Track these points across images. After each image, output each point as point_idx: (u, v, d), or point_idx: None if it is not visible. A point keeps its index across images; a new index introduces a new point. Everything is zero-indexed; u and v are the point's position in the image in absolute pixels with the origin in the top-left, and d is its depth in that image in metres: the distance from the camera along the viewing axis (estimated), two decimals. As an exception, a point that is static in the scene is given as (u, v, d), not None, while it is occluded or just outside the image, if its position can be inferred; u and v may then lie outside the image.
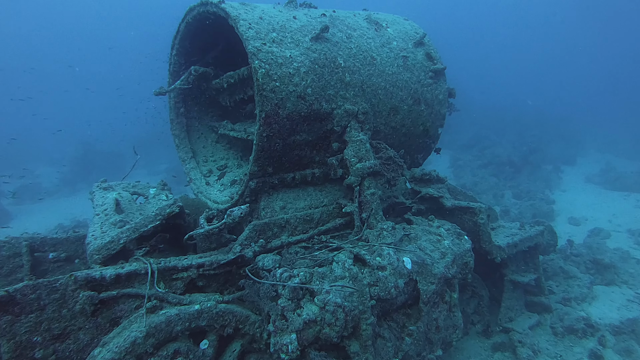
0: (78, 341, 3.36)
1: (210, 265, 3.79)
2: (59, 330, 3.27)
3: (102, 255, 3.57)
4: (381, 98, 4.80)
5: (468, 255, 4.71)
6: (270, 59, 3.96)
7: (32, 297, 3.16)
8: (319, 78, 4.26)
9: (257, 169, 4.21)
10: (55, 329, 3.26)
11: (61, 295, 3.31)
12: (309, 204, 4.65)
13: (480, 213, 5.27)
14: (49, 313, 3.24)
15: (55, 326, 3.26)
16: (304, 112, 4.18)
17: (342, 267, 3.88)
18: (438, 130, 5.58)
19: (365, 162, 4.40)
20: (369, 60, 4.74)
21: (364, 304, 3.73)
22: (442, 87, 5.42)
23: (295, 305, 3.65)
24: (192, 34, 5.10)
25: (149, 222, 3.73)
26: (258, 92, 3.86)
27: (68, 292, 3.33)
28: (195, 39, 5.21)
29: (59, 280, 3.31)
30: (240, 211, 3.71)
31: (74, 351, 3.33)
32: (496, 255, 5.40)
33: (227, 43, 5.34)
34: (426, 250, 4.42)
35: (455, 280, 4.57)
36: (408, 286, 4.14)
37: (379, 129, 4.93)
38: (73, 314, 3.34)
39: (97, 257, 3.55)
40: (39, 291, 3.20)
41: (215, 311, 3.68)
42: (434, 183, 5.54)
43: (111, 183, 4.87)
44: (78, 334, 3.36)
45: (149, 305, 3.50)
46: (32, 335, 3.15)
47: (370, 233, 4.40)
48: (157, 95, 5.05)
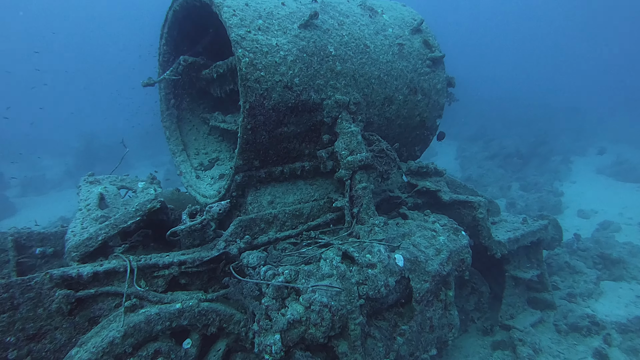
0: (55, 341, 3.26)
1: (192, 263, 3.65)
2: (34, 330, 3.17)
3: (79, 253, 3.45)
4: (375, 88, 4.61)
5: (465, 252, 4.53)
6: (255, 48, 3.78)
7: (4, 297, 3.06)
8: (308, 67, 4.07)
9: (243, 163, 4.05)
10: (30, 328, 3.15)
11: (36, 294, 3.20)
12: (299, 198, 4.49)
13: (479, 207, 5.07)
14: (23, 312, 3.13)
15: (30, 326, 3.16)
16: (292, 103, 4.01)
17: (330, 264, 3.73)
18: (436, 121, 5.37)
19: (356, 155, 4.22)
20: (361, 48, 4.53)
21: (352, 303, 3.58)
22: (441, 75, 5.19)
23: (279, 304, 3.51)
24: (180, 22, 4.93)
25: (129, 218, 3.60)
26: (241, 82, 3.69)
27: (44, 291, 3.22)
28: (183, 28, 5.05)
29: (34, 278, 3.21)
30: (219, 207, 3.56)
31: (51, 351, 3.23)
32: (496, 250, 5.21)
33: (216, 32, 5.16)
34: (420, 247, 4.25)
35: (451, 278, 4.40)
36: (400, 284, 3.97)
37: (373, 120, 4.73)
38: (49, 313, 3.23)
39: (75, 255, 3.44)
40: (12, 290, 3.10)
41: (197, 310, 3.56)
42: (431, 176, 5.35)
43: (98, 177, 4.76)
44: (55, 334, 3.26)
45: (128, 304, 3.38)
46: (4, 336, 3.05)
47: (361, 229, 4.24)
48: (145, 86, 4.91)
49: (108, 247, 3.75)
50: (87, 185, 4.52)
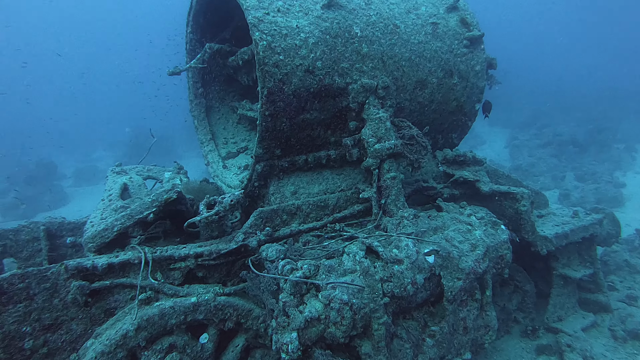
0: (71, 332, 3.25)
1: (209, 255, 3.54)
2: (50, 320, 3.17)
3: (95, 244, 3.42)
4: (405, 71, 4.28)
5: (504, 248, 4.15)
6: (274, 30, 3.58)
7: (21, 287, 3.06)
8: (331, 50, 3.82)
9: (263, 151, 3.88)
10: (46, 319, 3.15)
11: (52, 284, 3.19)
12: (324, 188, 4.27)
13: (522, 199, 4.64)
14: (39, 303, 3.13)
15: (46, 316, 3.16)
16: (314, 88, 3.78)
17: (353, 259, 3.51)
18: (475, 106, 4.96)
19: (384, 143, 3.94)
20: (391, 28, 4.22)
21: (375, 302, 3.34)
22: (480, 56, 4.77)
23: (298, 301, 3.33)
24: (205, 9, 4.82)
25: (145, 208, 3.53)
26: (259, 66, 3.50)
27: (60, 282, 3.21)
28: (209, 15, 4.93)
29: (50, 269, 3.20)
30: (230, 198, 3.40)
31: (67, 342, 3.22)
32: (541, 246, 4.77)
33: (242, 17, 5.00)
34: (453, 242, 3.92)
35: (488, 276, 4.05)
36: (430, 282, 3.69)
37: (404, 105, 4.41)
38: (65, 304, 3.22)
39: (91, 246, 3.41)
40: (28, 280, 3.10)
41: (213, 304, 3.45)
42: (469, 165, 4.95)
43: (126, 167, 4.76)
44: (70, 325, 3.25)
45: (142, 297, 3.33)
46: (21, 326, 3.06)
47: (389, 221, 3.96)
48: (171, 75, 4.84)
49: (128, 238, 3.71)
50: (114, 175, 4.52)
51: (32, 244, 4.51)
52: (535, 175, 12.25)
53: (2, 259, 4.42)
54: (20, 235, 4.47)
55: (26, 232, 4.50)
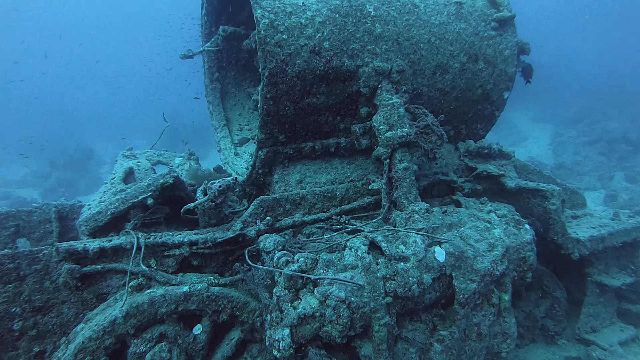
0: (61, 315, 3.20)
1: (204, 243, 3.40)
2: (41, 302, 3.13)
3: (89, 227, 3.35)
4: (423, 54, 3.96)
5: (527, 249, 3.79)
6: (277, 8, 3.37)
7: (11, 267, 3.04)
8: (340, 29, 3.57)
9: (265, 137, 3.69)
10: (36, 301, 3.11)
11: (44, 266, 3.15)
12: (333, 178, 4.04)
13: (552, 197, 4.23)
14: (29, 284, 3.10)
15: (37, 298, 3.12)
16: (320, 70, 3.54)
17: (355, 254, 3.27)
18: (503, 94, 4.55)
19: (396, 131, 3.65)
20: (408, 8, 3.91)
21: (376, 301, 3.10)
22: (510, 40, 4.36)
23: (292, 295, 3.13)
24: (219, -10, 4.66)
25: (140, 192, 3.43)
26: (260, 46, 3.31)
27: (52, 264, 3.17)
28: (223, -4, 4.78)
29: (42, 250, 3.16)
30: (219, 184, 3.23)
31: (57, 325, 3.18)
32: (572, 249, 4.34)
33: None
34: (469, 240, 3.60)
35: (507, 279, 3.70)
36: (440, 282, 3.40)
37: (421, 91, 4.09)
38: (56, 287, 3.18)
39: (84, 229, 3.35)
40: (19, 261, 3.06)
41: (206, 294, 3.31)
42: (495, 158, 4.57)
43: (136, 152, 4.70)
44: (62, 308, 3.20)
45: (134, 283, 3.23)
46: (10, 306, 3.03)
47: (398, 215, 3.69)
48: (183, 58, 4.73)
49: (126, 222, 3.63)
50: (123, 159, 4.47)
51: (44, 225, 4.55)
52: (579, 174, 11.47)
53: (16, 239, 4.48)
54: (32, 217, 4.52)
55: (39, 214, 4.54)
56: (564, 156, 13.24)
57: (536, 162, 11.96)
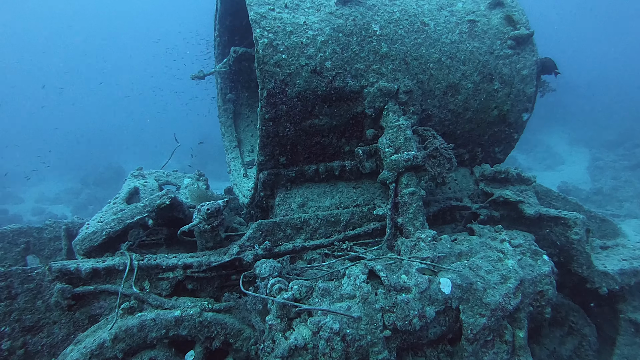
0: (52, 335, 3.15)
1: (199, 267, 3.30)
2: (31, 322, 3.10)
3: (84, 247, 3.32)
4: (433, 73, 3.80)
5: (545, 282, 3.50)
6: (277, 27, 3.31)
7: (2, 285, 3.02)
8: (343, 49, 3.47)
9: (265, 159, 3.60)
10: (27, 320, 3.08)
11: (36, 285, 3.13)
12: (337, 202, 3.89)
13: (574, 225, 3.92)
14: (20, 303, 3.08)
15: (28, 317, 3.09)
16: (322, 91, 3.44)
17: (353, 283, 3.09)
18: (522, 116, 4.31)
19: (402, 154, 3.48)
20: (417, 26, 3.77)
21: (373, 334, 2.91)
22: (528, 59, 4.14)
23: (285, 325, 2.98)
24: (231, 10, 4.69)
25: (137, 213, 3.39)
26: (258, 66, 3.25)
27: (44, 283, 3.14)
28: (236, 16, 4.79)
29: (35, 269, 3.14)
30: (207, 207, 3.13)
31: (47, 345, 3.13)
32: (600, 283, 4.00)
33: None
34: (479, 271, 3.36)
35: (522, 314, 3.41)
36: (446, 316, 3.16)
37: (432, 112, 3.92)
38: (48, 307, 3.14)
39: (79, 248, 3.32)
40: (11, 279, 3.05)
41: (198, 320, 3.19)
42: (513, 184, 4.30)
43: (145, 171, 4.72)
44: (52, 328, 3.16)
45: (125, 306, 3.16)
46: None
47: (403, 243, 3.49)
48: (194, 79, 4.76)
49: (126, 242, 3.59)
50: (131, 178, 4.48)
51: (54, 242, 4.59)
52: (619, 201, 10.81)
53: (26, 256, 4.54)
54: (43, 234, 4.57)
55: (49, 231, 4.59)
56: (602, 181, 12.53)
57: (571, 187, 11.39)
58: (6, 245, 4.41)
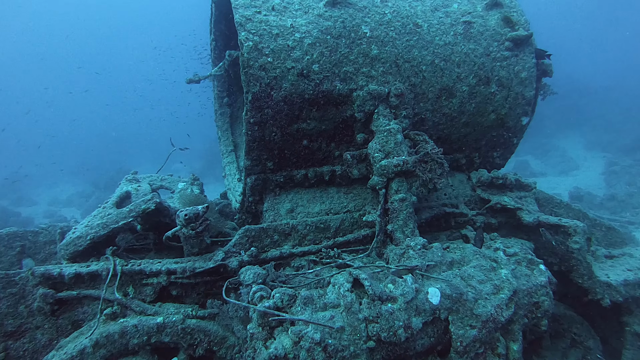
0: (35, 341, 3.14)
1: (182, 273, 3.25)
2: (13, 327, 3.08)
3: (69, 251, 3.30)
4: (426, 76, 3.70)
5: (541, 293, 3.36)
6: (263, 30, 3.25)
7: (-16, 290, 3.02)
8: (332, 52, 3.40)
9: (251, 163, 3.54)
10: (9, 325, 3.07)
11: (20, 290, 3.12)
12: (327, 208, 3.81)
13: (574, 234, 3.77)
14: (3, 308, 3.07)
15: (10, 322, 3.08)
16: (309, 94, 3.37)
17: (337, 292, 3.01)
18: (521, 120, 4.17)
19: (392, 159, 3.39)
20: (409, 28, 3.68)
21: (356, 345, 2.82)
22: (526, 61, 4.00)
23: (267, 333, 2.91)
24: (225, 15, 4.66)
25: (121, 218, 3.36)
26: (243, 69, 3.20)
27: (28, 288, 3.13)
28: (231, 21, 4.75)
29: (19, 273, 3.13)
30: (185, 212, 3.08)
31: (29, 351, 3.11)
32: (602, 295, 3.83)
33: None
34: (471, 281, 3.24)
35: (515, 326, 3.28)
36: (434, 327, 3.06)
37: (425, 116, 3.82)
38: (31, 312, 3.13)
39: (64, 253, 3.30)
40: (-7, 284, 3.04)
41: (181, 327, 3.14)
42: (512, 190, 4.17)
43: (140, 175, 4.70)
44: (35, 333, 3.14)
45: (108, 312, 3.13)
46: (-20, 329, 3.00)
47: (392, 251, 3.39)
48: (189, 83, 4.73)
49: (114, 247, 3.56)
50: (125, 182, 4.47)
51: (49, 246, 4.60)
52: (634, 207, 10.48)
53: (21, 259, 4.55)
54: (38, 237, 4.58)
55: (44, 235, 4.60)
56: (617, 187, 12.15)
57: (584, 192, 11.07)
58: (2, 249, 4.43)
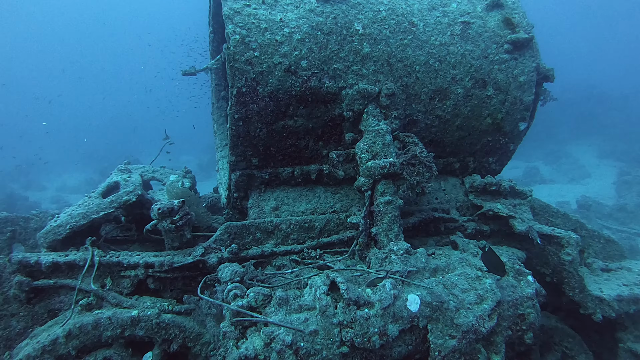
0: (9, 328, 3.14)
1: (160, 267, 3.21)
2: (-13, 313, 3.08)
3: (48, 240, 3.29)
4: (419, 77, 3.60)
5: (527, 305, 3.25)
6: (251, 23, 3.19)
7: (-40, 275, 3.02)
8: (321, 48, 3.32)
9: (236, 159, 3.48)
10: (-17, 311, 3.07)
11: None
12: (313, 207, 3.74)
13: (567, 245, 3.65)
14: (-21, 294, 3.07)
15: (-16, 309, 3.08)
16: (296, 91, 3.30)
17: (314, 294, 2.95)
18: (519, 125, 4.04)
19: (379, 160, 3.31)
20: (404, 26, 3.58)
21: (329, 350, 2.76)
22: (526, 65, 3.87)
23: (239, 333, 2.86)
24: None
25: (102, 209, 3.34)
26: (228, 62, 3.14)
27: (4, 275, 3.12)
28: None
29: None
30: (158, 206, 3.04)
31: (3, 338, 3.12)
32: (593, 309, 3.70)
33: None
34: (454, 289, 3.15)
35: (498, 338, 3.18)
36: (413, 335, 2.98)
37: (417, 118, 3.72)
38: (6, 299, 3.12)
39: (43, 241, 3.29)
40: (-31, 269, 3.04)
41: (155, 321, 3.11)
42: (506, 197, 4.05)
43: (132, 166, 4.68)
44: (10, 321, 3.14)
45: (84, 302, 3.10)
46: (-46, 315, 3.00)
47: (375, 254, 3.32)
48: (185, 75, 4.68)
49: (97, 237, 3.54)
50: (117, 173, 4.45)
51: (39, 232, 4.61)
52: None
53: (12, 244, 4.58)
54: (29, 223, 4.60)
55: (35, 221, 4.61)
56: (627, 197, 11.82)
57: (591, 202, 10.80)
58: (-8, 233, 4.46)
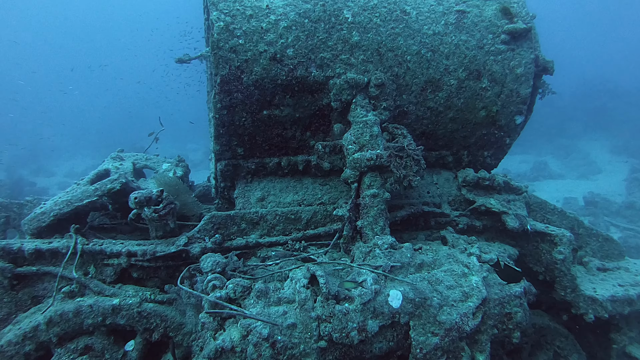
0: (-9, 314, 3.15)
1: (143, 256, 3.20)
2: (-30, 299, 3.10)
3: (32, 227, 3.30)
4: (410, 67, 3.50)
5: (515, 304, 3.18)
6: (236, 10, 3.12)
7: (-58, 261, 3.04)
8: (308, 36, 3.24)
9: (221, 148, 3.44)
10: (-34, 297, 3.09)
11: (-21, 262, 3.12)
12: (300, 199, 3.69)
13: (560, 243, 3.55)
14: (-40, 279, 3.08)
15: (-33, 294, 3.09)
16: (282, 80, 3.23)
17: (294, 287, 2.91)
18: (515, 119, 3.92)
19: (365, 152, 3.24)
20: (396, 15, 3.48)
21: (307, 344, 2.73)
22: (524, 56, 3.74)
23: (218, 324, 2.84)
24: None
25: (86, 196, 3.33)
26: (212, 50, 3.08)
27: (-12, 261, 3.13)
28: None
29: (-21, 246, 3.14)
30: (135, 195, 3.01)
31: (-15, 323, 3.13)
32: (585, 309, 3.61)
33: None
34: (439, 286, 3.09)
35: (483, 337, 3.12)
36: (394, 331, 2.93)
37: (408, 109, 3.63)
38: (-11, 285, 3.14)
39: (27, 228, 3.29)
40: (-48, 255, 3.06)
41: (136, 310, 3.11)
42: (500, 192, 3.95)
43: (125, 154, 4.68)
44: (-7, 307, 3.15)
45: (66, 290, 3.11)
46: None
47: (359, 248, 3.26)
48: (178, 62, 4.62)
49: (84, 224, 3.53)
50: (109, 160, 4.45)
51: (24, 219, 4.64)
52: (654, 217, 9.98)
53: (6, 230, 4.62)
54: (23, 209, 4.63)
55: (29, 207, 4.65)
56: (637, 194, 11.57)
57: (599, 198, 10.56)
58: (-14, 219, 4.50)
